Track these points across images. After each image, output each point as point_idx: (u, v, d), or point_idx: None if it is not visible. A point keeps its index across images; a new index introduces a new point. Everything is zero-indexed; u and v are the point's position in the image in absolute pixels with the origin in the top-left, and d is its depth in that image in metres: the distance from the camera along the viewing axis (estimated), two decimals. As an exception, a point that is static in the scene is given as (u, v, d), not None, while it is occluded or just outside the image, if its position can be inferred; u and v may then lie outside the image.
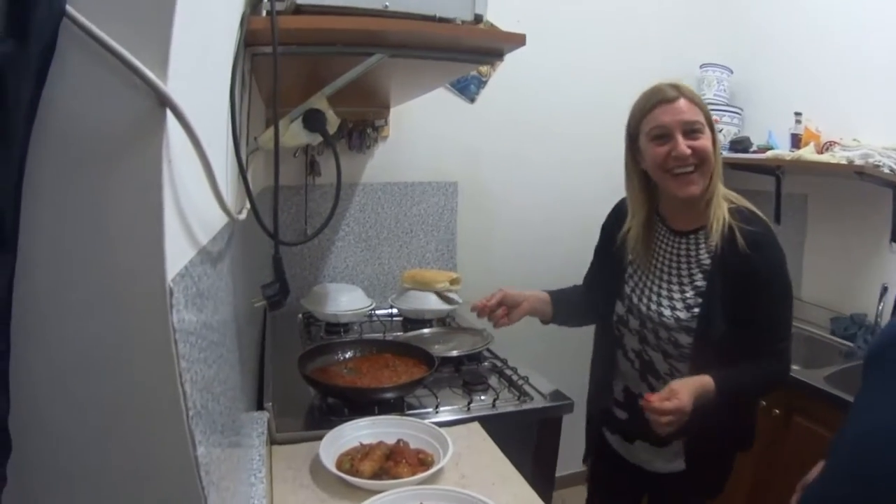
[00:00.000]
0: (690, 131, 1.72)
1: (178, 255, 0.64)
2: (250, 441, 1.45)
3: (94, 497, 0.59)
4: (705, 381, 1.69)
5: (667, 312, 1.83)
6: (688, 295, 1.81)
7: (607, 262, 2.07)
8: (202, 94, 0.83)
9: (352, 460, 1.59)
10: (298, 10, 1.35)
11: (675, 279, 1.85)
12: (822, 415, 2.33)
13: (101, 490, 0.59)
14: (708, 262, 1.79)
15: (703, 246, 1.81)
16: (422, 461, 1.62)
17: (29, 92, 0.50)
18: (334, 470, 1.55)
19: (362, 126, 3.09)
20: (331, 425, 1.73)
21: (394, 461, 1.59)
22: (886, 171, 2.45)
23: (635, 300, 1.93)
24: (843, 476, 1.28)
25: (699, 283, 1.80)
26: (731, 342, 1.74)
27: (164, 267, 0.58)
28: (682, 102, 1.73)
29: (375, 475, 1.55)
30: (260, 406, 1.80)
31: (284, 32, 1.25)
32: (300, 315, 2.92)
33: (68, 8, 0.50)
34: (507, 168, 3.41)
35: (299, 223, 3.07)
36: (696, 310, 1.79)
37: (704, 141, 1.72)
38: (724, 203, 1.77)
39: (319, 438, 1.67)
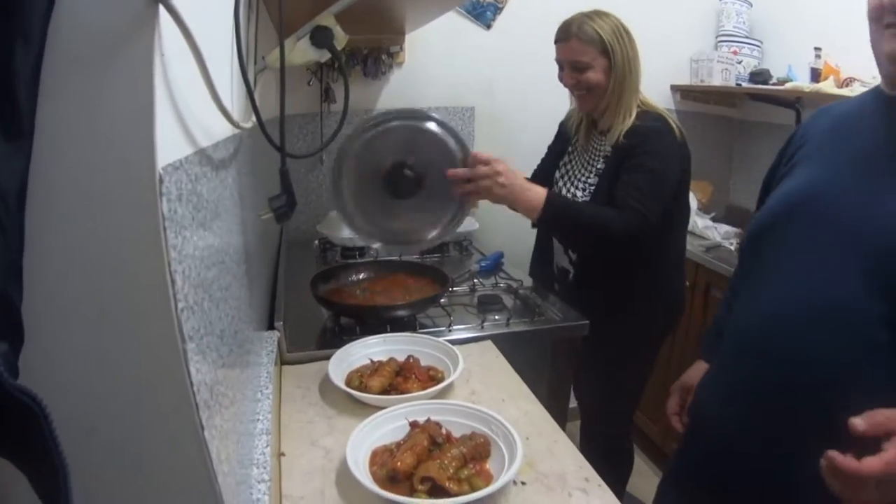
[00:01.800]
0: (576, 68, 2.08)
1: (170, 146, 0.64)
2: (258, 359, 1.45)
3: (84, 379, 0.60)
4: (542, 190, 1.99)
5: (574, 191, 2.24)
6: (590, 179, 2.21)
7: (554, 153, 2.48)
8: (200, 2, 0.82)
9: (361, 377, 1.60)
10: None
11: (587, 165, 2.25)
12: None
13: (90, 372, 0.60)
14: (609, 152, 2.14)
15: (608, 140, 2.15)
16: (432, 377, 1.63)
17: None
18: (343, 386, 1.56)
19: (377, 53, 3.07)
20: (342, 345, 1.74)
21: (403, 377, 1.61)
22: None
23: (560, 184, 2.33)
24: (747, 358, 1.34)
25: (599, 167, 2.18)
26: None
27: (153, 155, 0.58)
28: (572, 43, 2.06)
29: (384, 391, 1.56)
30: (271, 327, 1.81)
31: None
32: (316, 241, 2.93)
33: None
34: (521, 97, 3.38)
35: (314, 149, 3.05)
36: (592, 188, 2.17)
37: (590, 74, 2.06)
38: (632, 109, 2.09)
39: (330, 358, 1.67)
